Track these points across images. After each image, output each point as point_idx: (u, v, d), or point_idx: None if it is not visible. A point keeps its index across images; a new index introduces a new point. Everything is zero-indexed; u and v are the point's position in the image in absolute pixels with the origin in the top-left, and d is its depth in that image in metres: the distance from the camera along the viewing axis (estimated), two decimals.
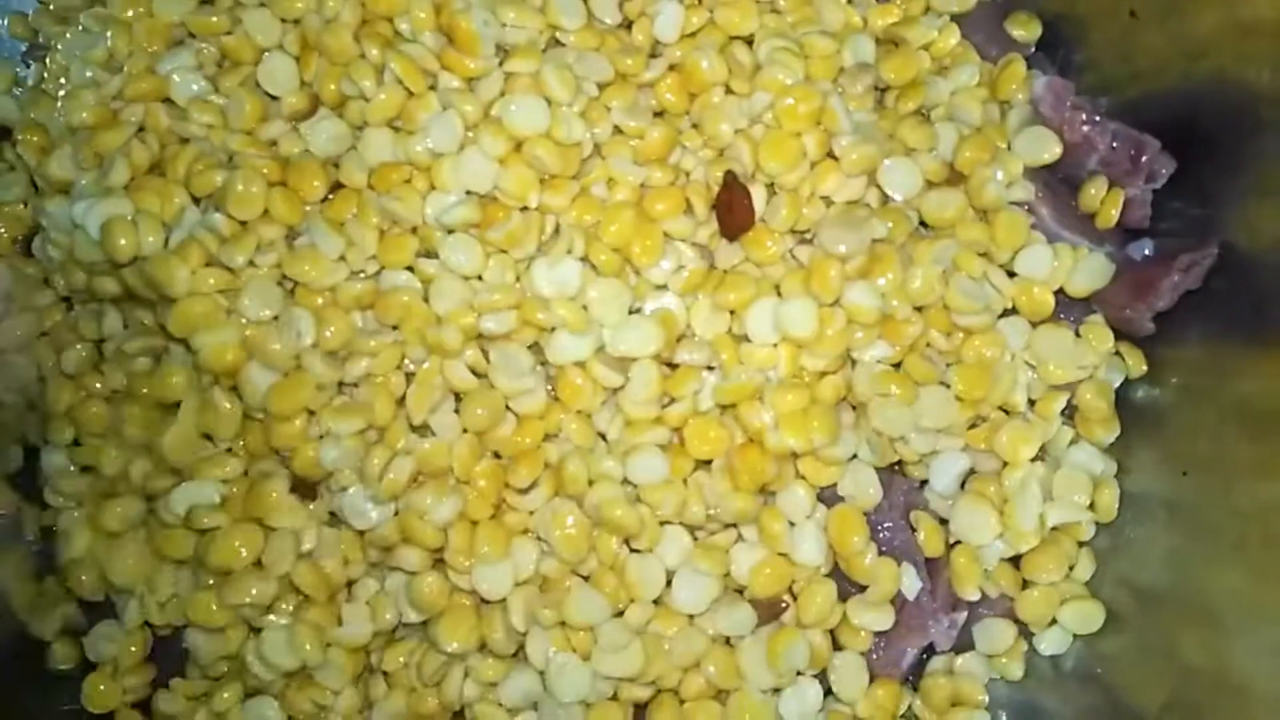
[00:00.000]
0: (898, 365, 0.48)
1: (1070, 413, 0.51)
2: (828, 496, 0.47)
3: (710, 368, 0.47)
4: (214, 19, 0.51)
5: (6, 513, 0.55)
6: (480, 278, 0.47)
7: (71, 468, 0.52)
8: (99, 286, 0.50)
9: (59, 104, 0.53)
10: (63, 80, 0.54)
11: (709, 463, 0.47)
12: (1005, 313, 0.50)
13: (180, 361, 0.49)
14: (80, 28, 0.54)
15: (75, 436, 0.52)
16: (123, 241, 0.46)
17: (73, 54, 0.53)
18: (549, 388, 0.47)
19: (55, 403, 0.52)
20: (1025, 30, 0.54)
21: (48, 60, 0.55)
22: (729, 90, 0.50)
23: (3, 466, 0.55)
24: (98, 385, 0.52)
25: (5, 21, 0.59)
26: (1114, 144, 0.50)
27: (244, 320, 0.46)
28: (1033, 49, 0.55)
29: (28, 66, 0.58)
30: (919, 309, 0.48)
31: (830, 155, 0.49)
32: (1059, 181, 0.51)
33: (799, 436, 0.45)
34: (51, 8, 0.57)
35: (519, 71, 0.48)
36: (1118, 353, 0.51)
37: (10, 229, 0.55)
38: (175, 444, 0.48)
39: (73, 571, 0.51)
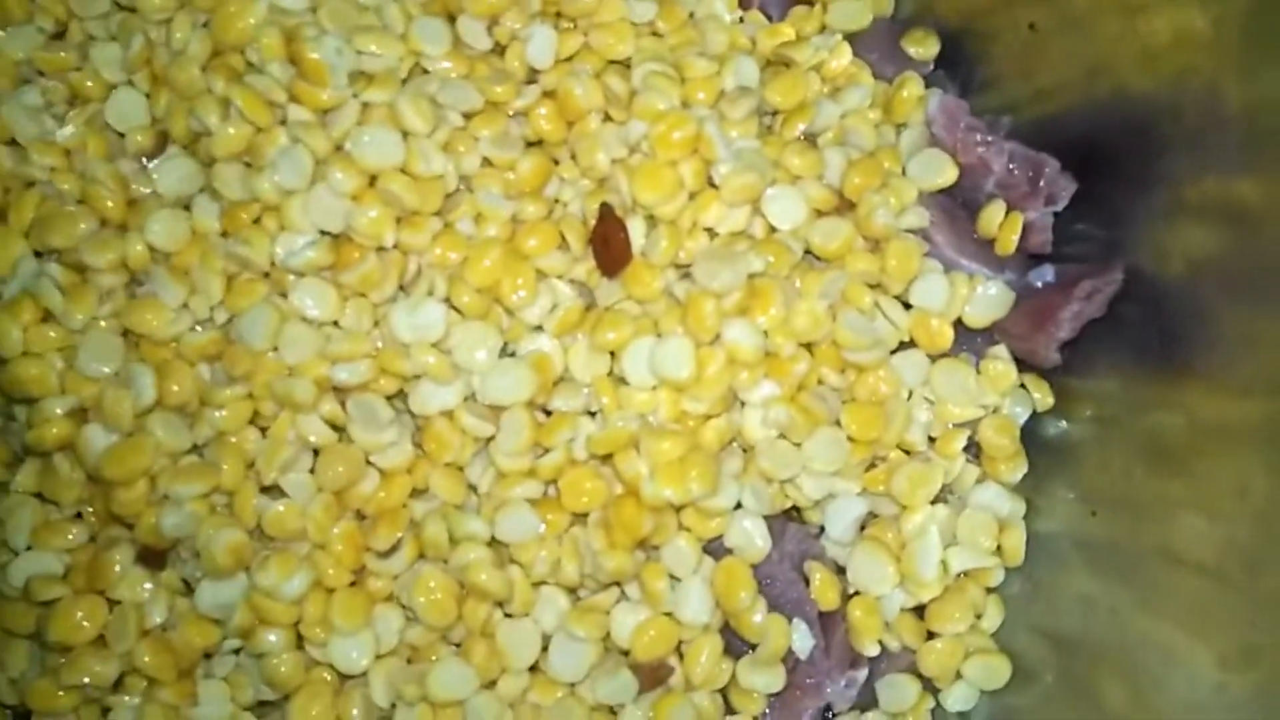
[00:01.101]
0: (783, 406, 0.44)
1: (973, 450, 0.48)
2: (715, 549, 0.44)
3: (591, 413, 0.44)
4: (62, 54, 0.48)
5: None
6: (335, 324, 0.44)
7: None
8: None
9: None
10: None
11: (585, 516, 0.43)
12: (901, 346, 0.47)
13: (18, 420, 0.45)
14: None
15: None
16: None
17: None
18: (415, 440, 0.44)
19: None
20: (922, 48, 0.52)
21: None
22: (607, 118, 0.48)
23: None
24: None
25: None
26: (1011, 165, 0.48)
27: (81, 380, 0.43)
28: (931, 67, 0.53)
29: None
30: (807, 346, 0.45)
31: (711, 184, 0.46)
32: (956, 206, 0.49)
33: (676, 487, 0.42)
34: None
35: (374, 102, 0.45)
36: (1023, 385, 0.48)
37: None
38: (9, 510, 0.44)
39: None
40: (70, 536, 0.44)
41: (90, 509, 0.45)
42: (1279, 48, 0.39)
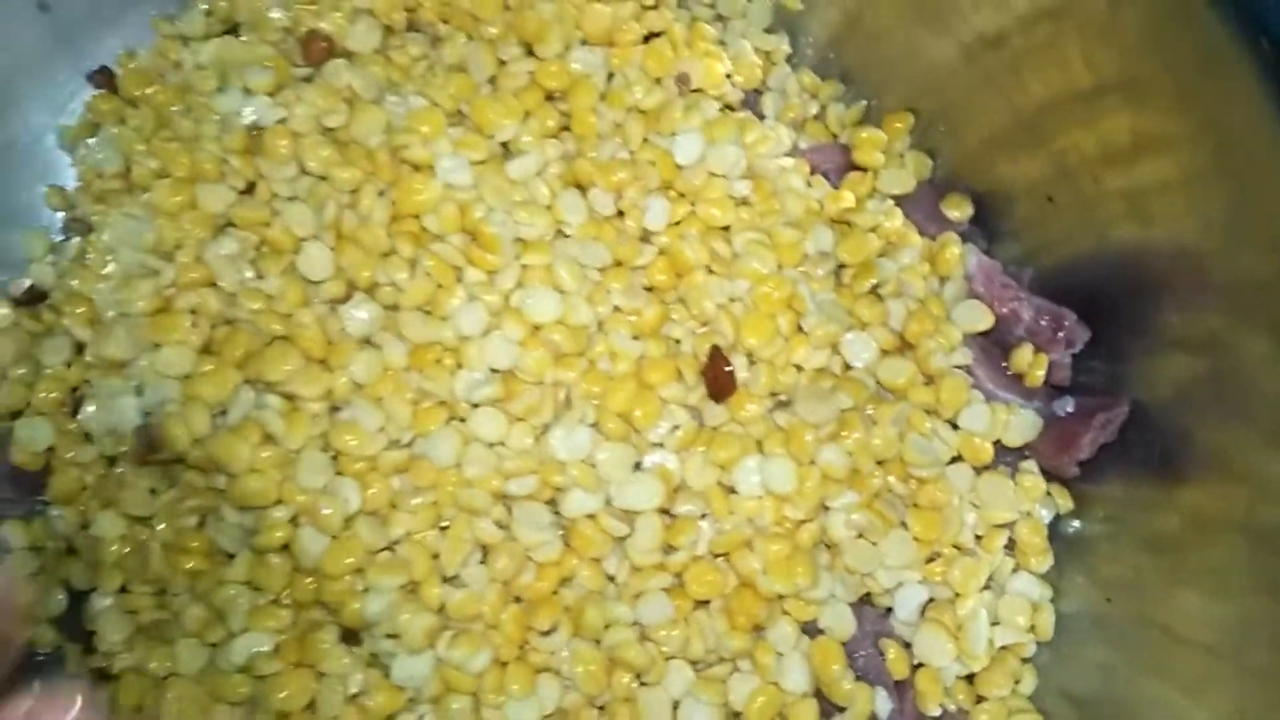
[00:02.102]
0: (863, 512, 0.55)
1: (1010, 546, 0.59)
2: (809, 629, 0.54)
3: (703, 516, 0.55)
4: (255, 211, 0.58)
5: (48, 652, 0.60)
6: (504, 444, 0.54)
7: (120, 614, 0.58)
8: None
9: (110, 286, 0.58)
10: (110, 260, 0.59)
11: (706, 602, 0.54)
12: (951, 460, 0.58)
13: (232, 521, 0.54)
14: (124, 213, 0.60)
15: (123, 584, 0.58)
16: (179, 432, 0.53)
17: (121, 239, 0.59)
18: (563, 538, 0.54)
19: (102, 553, 0.58)
20: (958, 211, 0.63)
21: (91, 237, 0.61)
22: (710, 271, 0.59)
23: (45, 610, 0.60)
24: (145, 538, 0.58)
25: (43, 190, 0.65)
26: (1037, 316, 0.59)
27: (298, 491, 0.53)
28: (966, 225, 0.64)
29: (66, 238, 0.64)
30: (880, 462, 0.56)
31: (800, 330, 0.57)
32: (992, 346, 0.60)
33: (785, 581, 0.52)
34: (92, 188, 0.63)
35: (533, 264, 0.56)
36: (1049, 493, 0.59)
37: (54, 389, 0.60)
38: (228, 598, 0.53)
39: (123, 714, 0.56)
40: (279, 619, 0.53)
41: (289, 595, 0.54)
42: (1256, 233, 0.51)
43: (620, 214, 0.59)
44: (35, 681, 0.38)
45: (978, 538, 0.58)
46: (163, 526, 0.56)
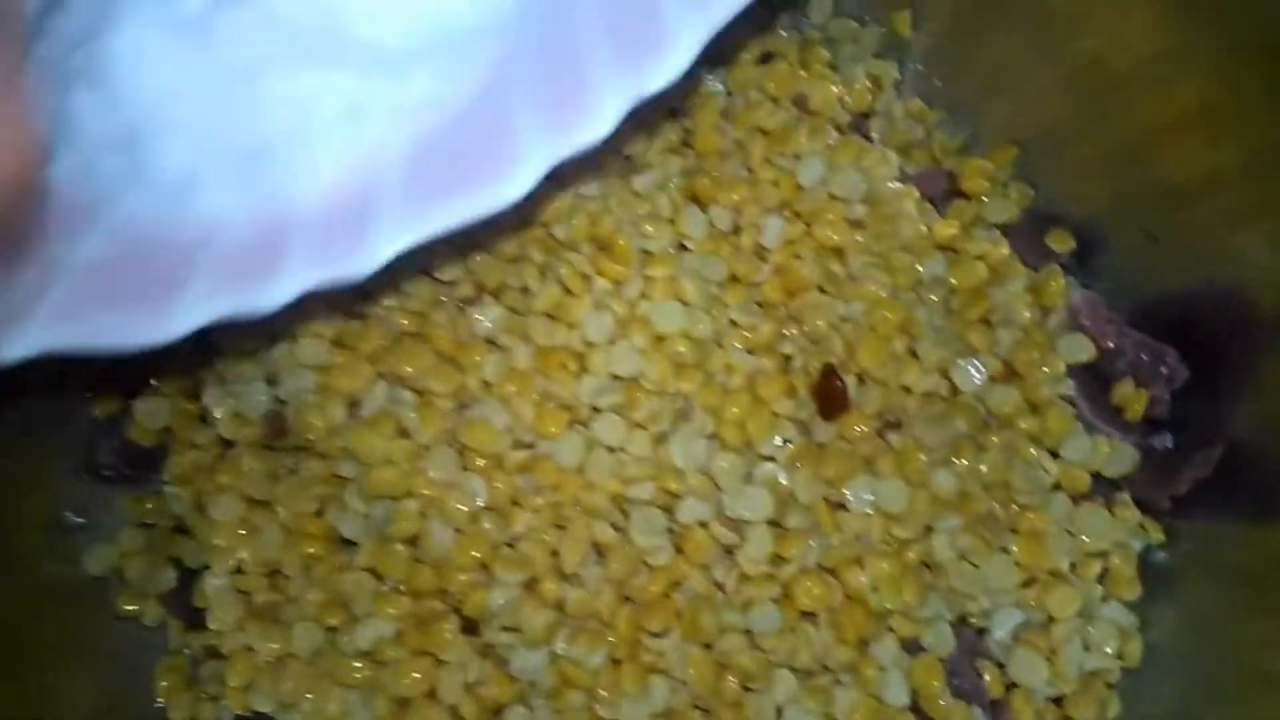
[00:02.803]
0: (967, 535, 0.57)
1: (1101, 574, 0.60)
2: (910, 646, 0.56)
3: (811, 529, 0.56)
4: None
5: (154, 625, 0.62)
6: (624, 449, 0.56)
7: (234, 594, 0.59)
8: None
9: None
10: None
11: (812, 614, 0.55)
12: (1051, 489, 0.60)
13: (356, 509, 0.56)
14: None
15: (238, 565, 0.60)
16: (315, 421, 0.55)
17: None
18: (674, 543, 0.56)
19: (219, 534, 0.59)
20: (1061, 243, 0.65)
21: None
22: (822, 290, 0.60)
23: (154, 585, 0.62)
24: (262, 521, 0.59)
25: None
26: (1139, 352, 0.61)
27: (428, 484, 0.54)
28: (1067, 257, 0.65)
29: None
30: (985, 487, 0.57)
31: (913, 353, 0.59)
32: (1093, 379, 0.62)
33: (894, 599, 0.54)
34: None
35: (658, 276, 0.57)
36: (1142, 525, 0.60)
37: (175, 371, 0.62)
38: (354, 584, 0.55)
39: (235, 694, 0.58)
40: (400, 607, 0.55)
41: (410, 584, 0.56)
42: None
43: (737, 230, 0.61)
44: None
45: (1072, 566, 0.59)
46: (282, 511, 0.58)
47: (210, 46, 0.41)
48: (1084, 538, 0.59)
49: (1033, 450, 0.58)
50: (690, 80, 0.62)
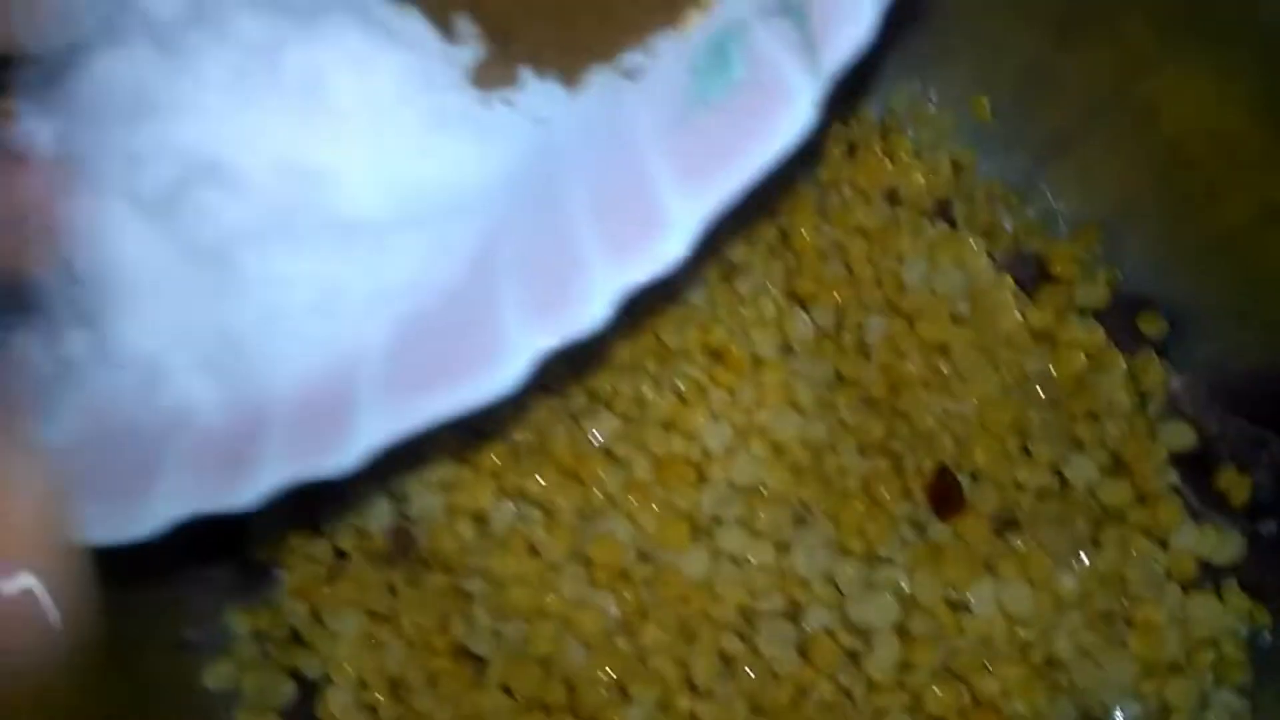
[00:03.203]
0: (1088, 631, 0.58)
1: (1213, 662, 0.61)
2: None
3: (935, 633, 0.57)
4: None
5: None
6: (748, 559, 0.56)
7: (360, 708, 0.60)
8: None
9: None
10: None
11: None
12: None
13: (484, 625, 0.57)
14: None
15: (360, 678, 0.60)
16: (447, 542, 0.56)
17: None
18: (799, 651, 0.57)
19: (340, 647, 0.60)
20: (1153, 327, 0.66)
21: None
22: (927, 386, 0.61)
23: (274, 699, 0.63)
24: (384, 635, 0.60)
25: None
26: (1239, 437, 0.62)
27: (559, 603, 0.55)
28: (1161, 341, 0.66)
29: None
30: (1103, 582, 0.58)
31: (1025, 450, 0.59)
32: (1196, 466, 0.62)
33: (1027, 702, 0.54)
34: None
35: (769, 382, 0.58)
36: (1250, 611, 0.61)
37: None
38: (489, 702, 0.56)
39: None
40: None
41: (543, 700, 0.56)
42: None
43: (839, 329, 0.62)
44: None
45: (1186, 654, 0.60)
46: (406, 625, 0.59)
47: (177, 223, 0.39)
48: (1196, 627, 0.59)
49: (1145, 543, 0.59)
50: (783, 178, 0.63)
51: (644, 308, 0.59)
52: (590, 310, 0.36)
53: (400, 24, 0.42)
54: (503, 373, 0.36)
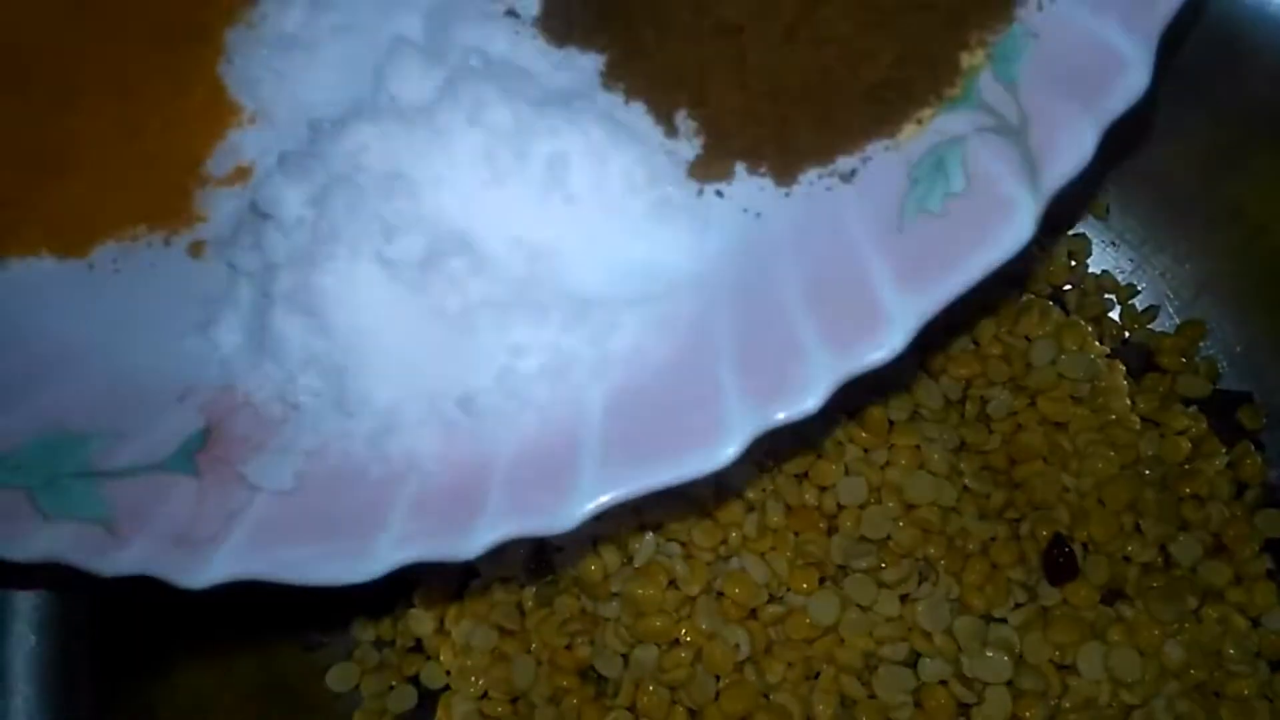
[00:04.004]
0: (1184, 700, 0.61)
1: None
2: None
3: (1043, 693, 0.60)
4: None
5: None
6: (873, 608, 0.60)
7: (479, 717, 0.63)
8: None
9: None
10: None
11: None
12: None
13: (613, 648, 0.60)
14: None
15: (485, 689, 0.63)
16: (594, 570, 0.59)
17: None
18: (915, 699, 0.60)
19: (468, 658, 0.63)
20: (1253, 423, 0.69)
21: None
22: (1046, 461, 0.65)
23: (394, 705, 0.66)
24: (511, 650, 0.63)
25: None
26: None
27: (693, 632, 0.58)
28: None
29: None
30: (1203, 655, 0.61)
31: (1136, 527, 0.63)
32: None
33: None
34: None
35: (901, 445, 0.62)
36: None
37: None
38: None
39: None
40: None
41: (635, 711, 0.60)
42: None
43: (965, 400, 0.65)
44: None
45: None
46: (535, 642, 0.62)
47: (423, 289, 0.41)
48: None
49: (1240, 620, 0.62)
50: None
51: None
52: (809, 396, 0.39)
53: (628, 117, 0.46)
54: (721, 449, 0.38)
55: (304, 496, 0.42)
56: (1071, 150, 0.38)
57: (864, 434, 0.61)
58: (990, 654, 0.59)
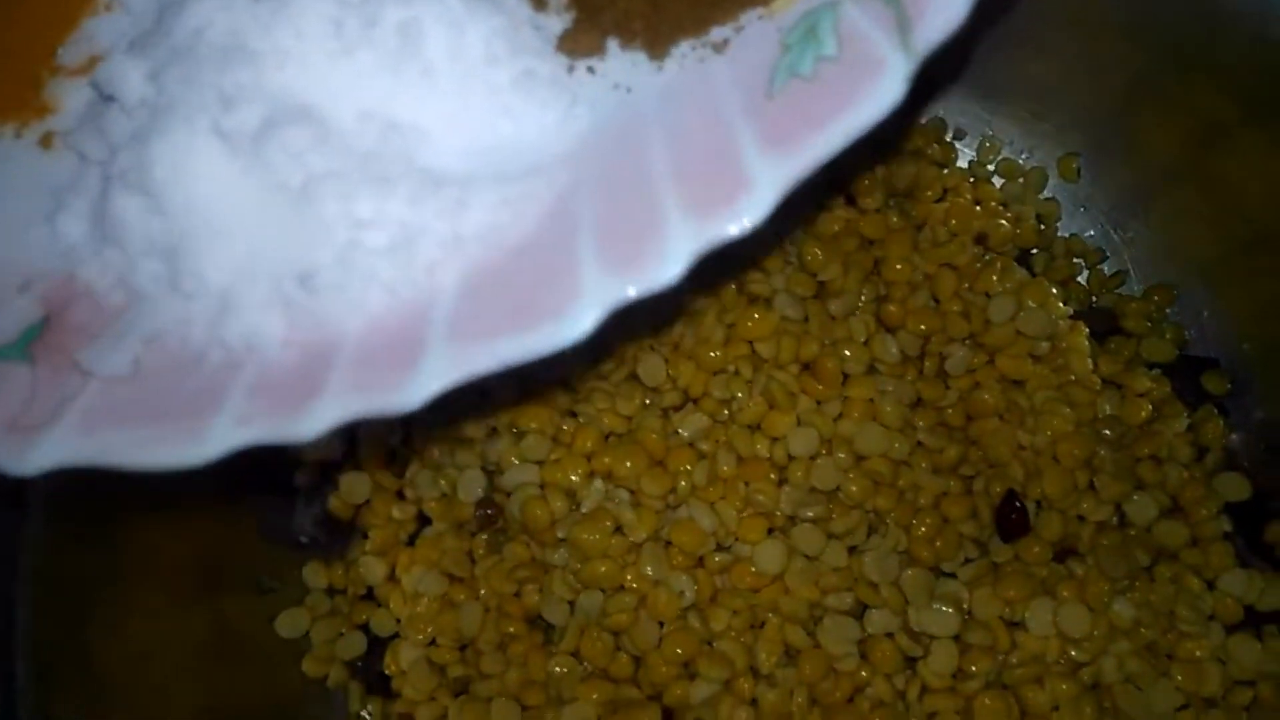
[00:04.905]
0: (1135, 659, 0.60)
1: (1250, 703, 0.63)
2: None
3: (990, 647, 0.60)
4: None
5: (338, 688, 0.66)
6: (820, 558, 0.59)
7: (429, 666, 0.63)
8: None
9: None
10: None
11: None
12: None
13: (562, 596, 0.60)
14: None
15: (433, 637, 0.63)
16: (540, 513, 0.59)
17: None
18: (860, 651, 0.59)
19: (416, 606, 0.63)
20: (1217, 387, 0.69)
21: None
22: (1002, 419, 0.64)
23: (342, 651, 0.65)
24: (460, 597, 0.63)
25: None
26: None
27: (638, 579, 0.58)
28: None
29: None
30: (1154, 615, 0.61)
31: (1091, 487, 0.62)
32: (1247, 516, 0.65)
33: (1074, 718, 0.57)
34: None
35: (856, 397, 0.61)
36: None
37: (378, 449, 0.66)
38: (562, 666, 0.59)
39: None
40: (603, 692, 0.59)
41: (609, 670, 0.59)
42: None
43: (923, 356, 0.65)
44: None
45: (1224, 693, 0.62)
46: (483, 590, 0.62)
47: (262, 161, 0.39)
48: (1237, 667, 0.62)
49: (1195, 581, 0.62)
50: (880, 213, 0.67)
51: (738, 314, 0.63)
52: (667, 266, 0.36)
53: None
54: (575, 321, 0.36)
55: (139, 382, 0.40)
56: (944, 9, 0.37)
57: (818, 385, 0.61)
58: (938, 607, 0.59)
